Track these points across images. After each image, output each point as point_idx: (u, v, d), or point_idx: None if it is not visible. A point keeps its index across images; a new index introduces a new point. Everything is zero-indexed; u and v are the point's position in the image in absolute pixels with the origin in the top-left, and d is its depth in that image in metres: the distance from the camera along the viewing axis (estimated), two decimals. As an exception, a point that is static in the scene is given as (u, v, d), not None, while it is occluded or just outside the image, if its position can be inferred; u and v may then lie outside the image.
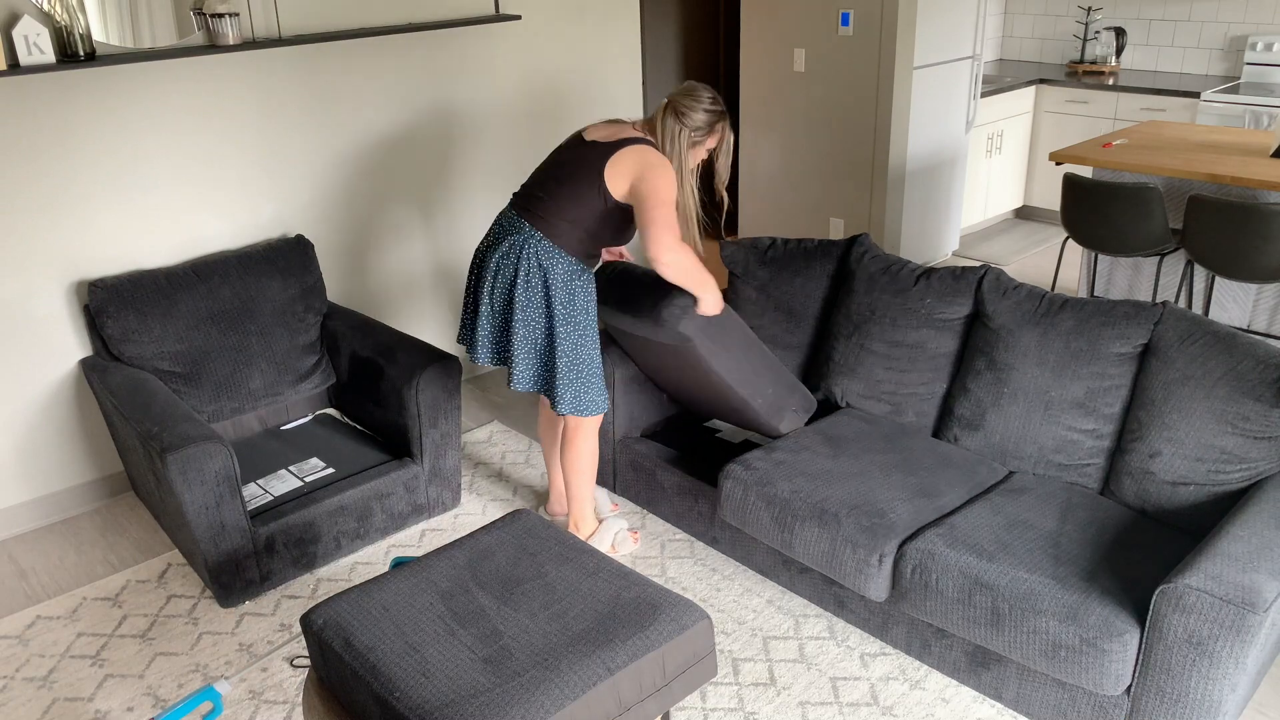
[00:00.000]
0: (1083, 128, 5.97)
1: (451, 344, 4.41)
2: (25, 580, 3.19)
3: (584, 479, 3.05)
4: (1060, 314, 2.78)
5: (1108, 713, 2.31)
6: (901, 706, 2.55)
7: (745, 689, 2.62)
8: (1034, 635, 2.27)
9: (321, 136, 3.74)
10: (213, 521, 2.81)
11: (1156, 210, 3.98)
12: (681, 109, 2.73)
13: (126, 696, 2.67)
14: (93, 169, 3.26)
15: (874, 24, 4.91)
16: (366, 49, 3.76)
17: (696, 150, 2.78)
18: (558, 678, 1.89)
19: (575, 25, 4.36)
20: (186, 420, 2.85)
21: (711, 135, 2.78)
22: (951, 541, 2.47)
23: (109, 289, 3.19)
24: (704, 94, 2.75)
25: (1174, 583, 2.11)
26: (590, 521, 3.13)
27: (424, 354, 3.22)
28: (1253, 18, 5.63)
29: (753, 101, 5.60)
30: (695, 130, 2.74)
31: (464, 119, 4.12)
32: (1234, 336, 2.56)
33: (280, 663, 2.77)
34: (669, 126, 2.73)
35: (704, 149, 2.80)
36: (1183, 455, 2.54)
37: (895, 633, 2.70)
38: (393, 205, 4.02)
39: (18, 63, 2.92)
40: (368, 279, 4.04)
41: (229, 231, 3.61)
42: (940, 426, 2.99)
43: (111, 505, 3.58)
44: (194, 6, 3.27)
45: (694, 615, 2.08)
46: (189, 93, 3.39)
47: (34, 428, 3.39)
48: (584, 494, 3.08)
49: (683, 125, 2.73)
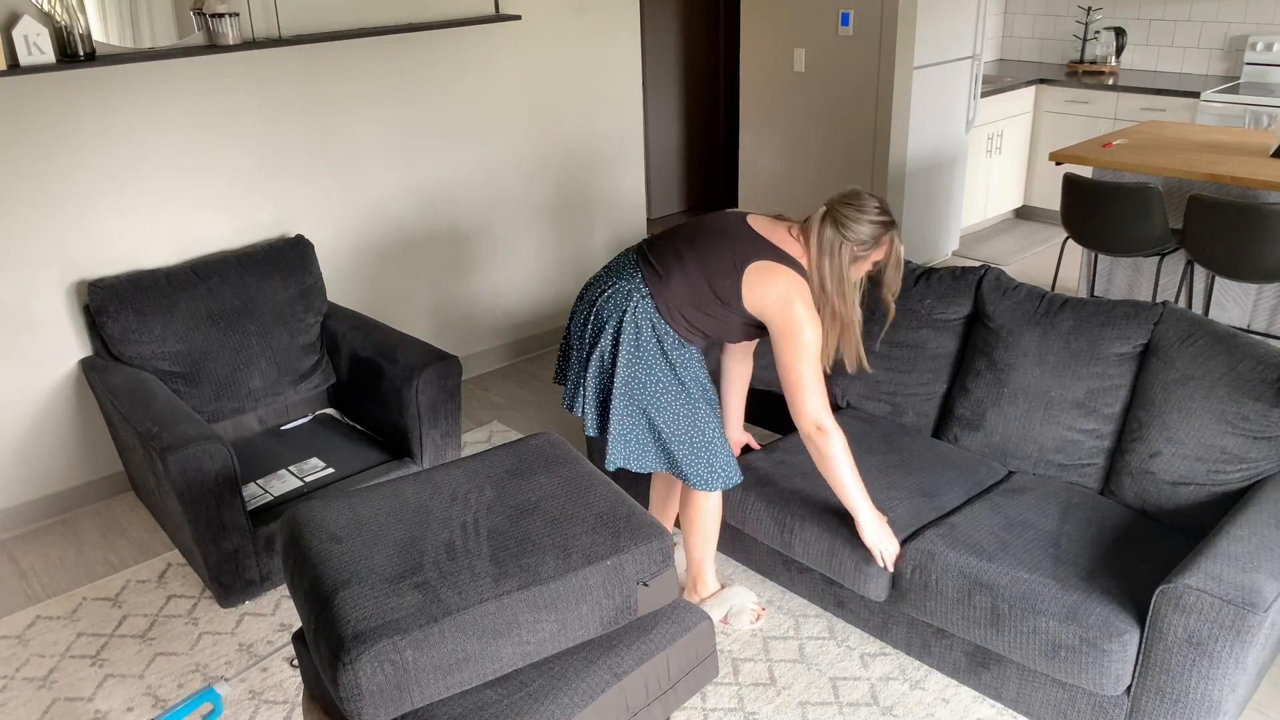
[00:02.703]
0: (1083, 128, 5.97)
1: (451, 344, 4.41)
2: (25, 580, 3.19)
3: (704, 541, 2.78)
4: (1060, 314, 2.78)
5: (1108, 713, 2.31)
6: (901, 706, 2.55)
7: (745, 689, 2.62)
8: (1034, 635, 2.27)
9: (321, 136, 3.74)
10: (213, 521, 2.80)
11: (1156, 210, 3.98)
12: (843, 220, 2.42)
13: (126, 696, 2.67)
14: (93, 169, 3.26)
15: (874, 24, 4.91)
16: (366, 49, 3.76)
17: (860, 265, 2.47)
18: (565, 686, 1.89)
19: (575, 25, 4.36)
20: (186, 420, 2.85)
21: (878, 249, 2.46)
22: (951, 541, 2.47)
23: (109, 289, 3.19)
24: (869, 203, 2.44)
25: (1174, 583, 2.11)
26: (710, 583, 2.88)
27: (424, 354, 3.22)
28: (1253, 18, 5.63)
29: (753, 101, 5.60)
30: (859, 245, 2.43)
31: (464, 118, 4.12)
32: (1234, 336, 2.57)
33: (280, 663, 2.77)
34: (827, 239, 2.42)
35: (869, 263, 2.49)
36: (1183, 455, 2.54)
37: (895, 633, 2.70)
38: (393, 204, 4.02)
39: (18, 63, 2.92)
40: (367, 279, 4.04)
41: (229, 231, 3.61)
42: (940, 426, 2.99)
43: (111, 505, 3.58)
44: (194, 6, 3.27)
45: (695, 616, 2.08)
46: (189, 93, 3.39)
47: (34, 428, 3.39)
48: (704, 555, 2.81)
49: (844, 239, 2.42)
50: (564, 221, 4.62)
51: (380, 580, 1.85)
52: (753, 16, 5.42)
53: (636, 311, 2.47)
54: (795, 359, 2.42)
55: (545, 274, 4.64)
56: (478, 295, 4.43)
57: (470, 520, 2.03)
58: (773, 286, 2.41)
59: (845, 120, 5.19)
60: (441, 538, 1.98)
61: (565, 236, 4.65)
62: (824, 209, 2.45)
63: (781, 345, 2.43)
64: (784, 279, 2.41)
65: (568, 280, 4.74)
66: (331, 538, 1.98)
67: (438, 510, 2.07)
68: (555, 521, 2.02)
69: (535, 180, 4.45)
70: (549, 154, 4.46)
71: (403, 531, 2.00)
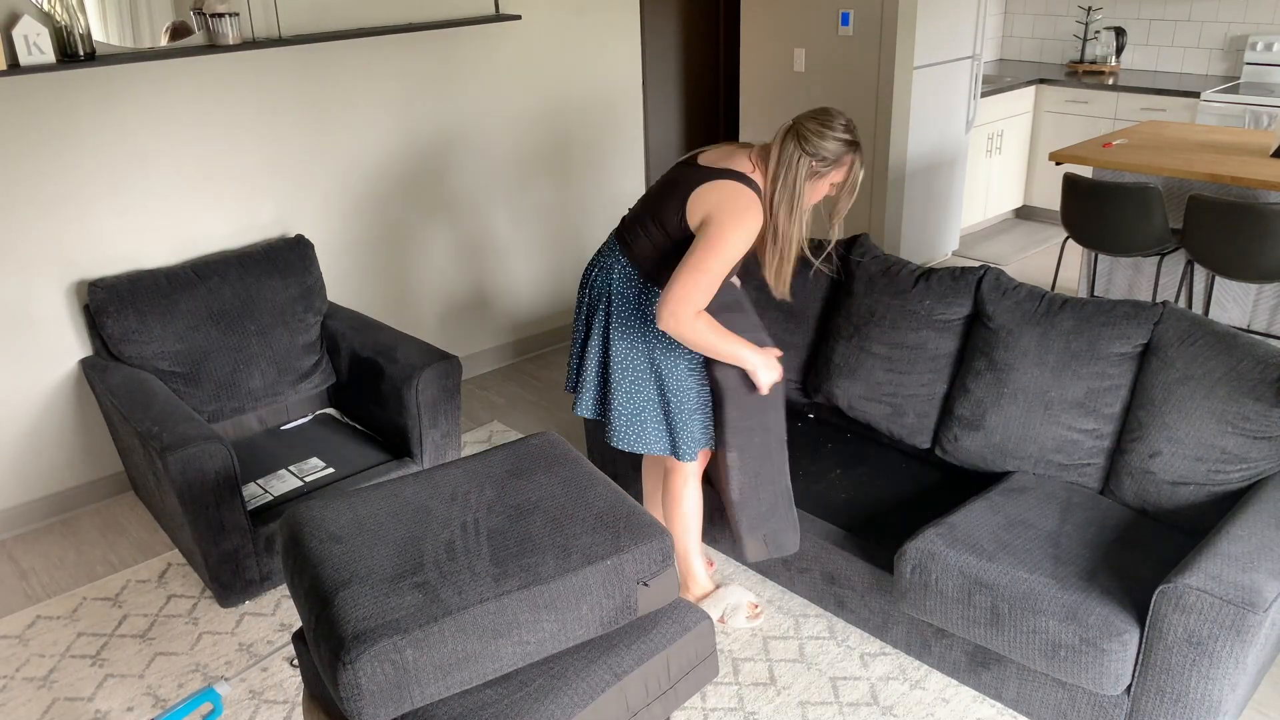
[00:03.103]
0: (1083, 128, 5.97)
1: (451, 344, 4.41)
2: (25, 580, 3.19)
3: (684, 531, 2.75)
4: (1060, 314, 2.78)
5: (1108, 713, 2.31)
6: (901, 706, 2.55)
7: (745, 689, 2.62)
8: (1034, 635, 2.27)
9: (321, 136, 3.74)
10: (213, 521, 2.80)
11: (1156, 210, 3.98)
12: (806, 133, 2.34)
13: (126, 696, 2.67)
14: (93, 169, 3.26)
15: (874, 24, 4.91)
16: (366, 49, 3.76)
17: (817, 183, 2.39)
18: (565, 685, 1.89)
19: (575, 25, 4.36)
20: (186, 420, 2.85)
21: (838, 168, 2.38)
22: (951, 541, 2.47)
23: (109, 289, 3.19)
24: (837, 119, 2.35)
25: (1174, 583, 2.11)
26: (702, 582, 2.84)
27: (424, 354, 3.22)
28: (1253, 18, 5.63)
29: (753, 101, 5.60)
30: (819, 160, 2.34)
31: (463, 118, 4.12)
32: (1234, 336, 2.57)
33: (280, 663, 2.77)
34: (788, 152, 2.34)
35: (827, 182, 2.40)
36: (1183, 455, 2.54)
37: (895, 633, 2.70)
38: (393, 204, 4.02)
39: (18, 63, 2.92)
40: (367, 279, 4.04)
41: (229, 231, 3.61)
42: (940, 427, 2.99)
43: (111, 505, 3.58)
44: (194, 6, 3.27)
45: (695, 616, 2.08)
46: (189, 93, 3.39)
47: (34, 428, 3.39)
48: (687, 547, 2.79)
49: (804, 152, 2.34)
50: (564, 221, 4.62)
51: (380, 580, 1.85)
52: (753, 16, 5.42)
53: (623, 281, 2.51)
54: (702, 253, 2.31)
55: (545, 274, 4.64)
56: (478, 295, 4.43)
57: (470, 520, 2.03)
58: (714, 194, 2.35)
59: (845, 120, 5.19)
60: (441, 537, 1.98)
61: (565, 236, 4.65)
62: (790, 122, 2.37)
63: (693, 250, 2.33)
64: (728, 189, 2.35)
65: (567, 280, 4.74)
66: (331, 538, 1.98)
67: (438, 510, 2.07)
68: (555, 521, 2.02)
69: (535, 180, 4.45)
70: (549, 154, 4.46)
71: (403, 531, 2.00)
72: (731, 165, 2.39)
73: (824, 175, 2.37)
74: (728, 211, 2.33)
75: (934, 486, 2.93)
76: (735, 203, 2.34)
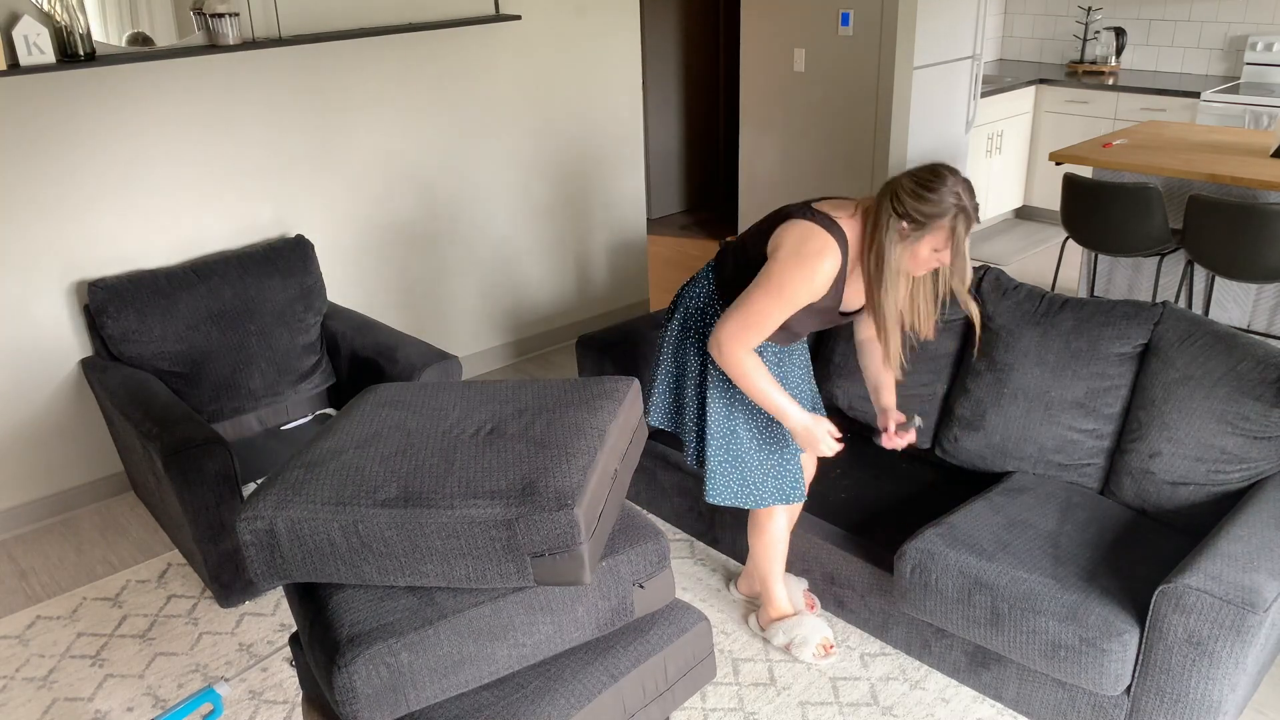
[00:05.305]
0: (1083, 128, 5.96)
1: (451, 344, 4.41)
2: (25, 580, 3.19)
3: (767, 559, 2.67)
4: (1060, 314, 2.78)
5: (1108, 713, 2.31)
6: (901, 706, 2.55)
7: (745, 689, 2.62)
8: (1034, 635, 2.27)
9: (321, 136, 3.74)
10: (213, 521, 2.81)
11: (1156, 210, 3.97)
12: (900, 191, 2.12)
13: (126, 696, 2.67)
14: (93, 169, 3.26)
15: (874, 24, 4.91)
16: (366, 49, 3.76)
17: (912, 248, 2.15)
18: (562, 687, 1.88)
19: (575, 25, 4.36)
20: (186, 420, 2.85)
21: (932, 231, 2.12)
22: (951, 541, 2.46)
23: (109, 289, 3.19)
24: (941, 179, 2.10)
25: (1174, 583, 2.11)
26: (780, 604, 2.74)
27: (424, 354, 3.22)
28: (1253, 18, 5.63)
29: (753, 101, 5.60)
30: (911, 224, 2.11)
31: (463, 118, 4.12)
32: (1234, 336, 2.56)
33: (280, 663, 2.77)
34: (881, 206, 2.16)
35: (926, 248, 2.15)
36: (1183, 455, 2.54)
37: (895, 633, 2.70)
38: (393, 205, 4.02)
39: (18, 63, 2.92)
40: (367, 279, 4.05)
41: (229, 231, 3.61)
42: (940, 427, 2.99)
43: (111, 505, 3.58)
44: (194, 6, 3.27)
45: (692, 617, 2.07)
46: (189, 93, 3.39)
47: (34, 428, 3.39)
48: (769, 572, 2.70)
49: (894, 212, 2.12)
50: (564, 221, 4.62)
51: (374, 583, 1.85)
52: (753, 16, 5.42)
53: (705, 298, 2.44)
54: (757, 290, 2.23)
55: (545, 273, 4.64)
56: (478, 295, 4.43)
57: None
58: (791, 232, 2.23)
59: (845, 120, 5.19)
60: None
61: (565, 236, 4.65)
62: (891, 179, 2.19)
63: (760, 273, 2.24)
64: (804, 229, 2.21)
65: (567, 280, 4.74)
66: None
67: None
68: None
69: (535, 180, 4.45)
70: (549, 154, 4.46)
71: None
72: (831, 210, 2.24)
73: (918, 239, 2.14)
74: (791, 251, 2.20)
75: (934, 486, 2.92)
76: (803, 244, 2.19)
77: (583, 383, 2.09)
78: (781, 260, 2.21)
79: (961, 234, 2.13)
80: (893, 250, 2.14)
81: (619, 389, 2.05)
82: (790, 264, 2.19)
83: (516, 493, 1.74)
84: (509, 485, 1.76)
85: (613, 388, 2.06)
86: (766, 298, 2.22)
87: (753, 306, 2.23)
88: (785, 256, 2.20)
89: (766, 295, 2.22)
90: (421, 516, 1.74)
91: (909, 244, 2.14)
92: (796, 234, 2.21)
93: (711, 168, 7.19)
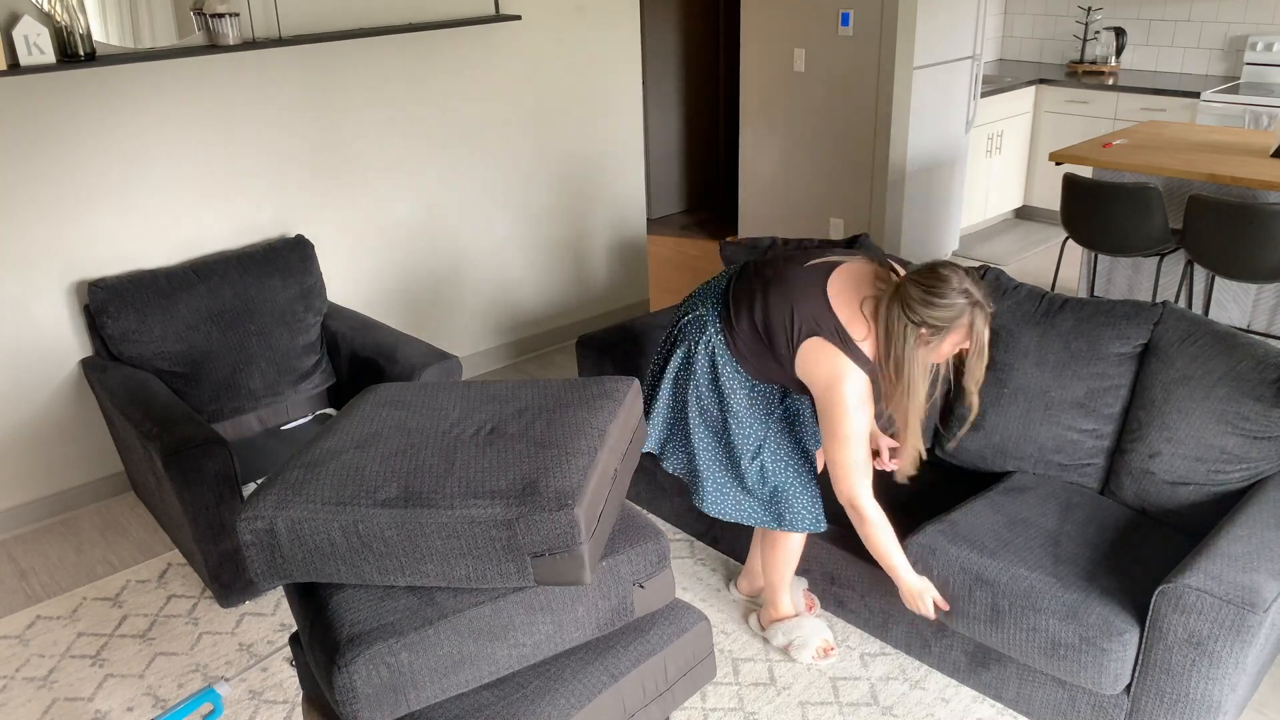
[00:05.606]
0: (1083, 128, 5.96)
1: (451, 344, 4.41)
2: (25, 580, 3.19)
3: (780, 567, 2.69)
4: (1060, 314, 2.78)
5: (1108, 712, 2.31)
6: (901, 706, 2.55)
7: (745, 689, 2.62)
8: (1033, 633, 2.27)
9: (321, 136, 3.74)
10: (213, 521, 2.81)
11: (1156, 210, 3.97)
12: (910, 301, 2.12)
13: (126, 696, 2.67)
14: (93, 169, 3.26)
15: (874, 24, 4.91)
16: (366, 49, 3.76)
17: (935, 349, 2.17)
18: (562, 687, 1.88)
19: (575, 25, 4.36)
20: (186, 420, 2.85)
21: (954, 331, 2.14)
22: (952, 537, 2.46)
23: (109, 289, 3.19)
24: (948, 281, 2.11)
25: (1174, 583, 2.11)
26: (783, 606, 2.76)
27: (424, 354, 3.22)
28: (1253, 18, 5.63)
29: (753, 101, 5.60)
30: (929, 329, 2.13)
31: (463, 118, 4.12)
32: (1234, 336, 2.56)
33: (280, 663, 2.77)
34: (892, 320, 2.15)
35: (948, 344, 2.17)
36: (1182, 455, 2.54)
37: (895, 633, 2.70)
38: (393, 205, 4.02)
39: (18, 63, 2.92)
40: (367, 279, 4.05)
41: (229, 231, 3.61)
42: (940, 427, 2.99)
43: (111, 505, 3.58)
44: (194, 6, 3.27)
45: (692, 617, 2.07)
46: (189, 93, 3.39)
47: (34, 428, 3.39)
48: (779, 580, 2.72)
49: (909, 321, 2.12)
50: (564, 221, 4.62)
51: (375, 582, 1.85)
52: (753, 16, 5.42)
53: (710, 346, 2.42)
54: (834, 444, 2.31)
55: (545, 274, 4.64)
56: (478, 295, 4.43)
57: None
58: (820, 367, 2.26)
59: (845, 120, 5.19)
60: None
61: (565, 236, 4.65)
62: (897, 283, 2.17)
63: (824, 426, 2.32)
64: (833, 364, 2.25)
65: (567, 280, 4.74)
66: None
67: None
68: None
69: (535, 180, 4.45)
70: (549, 154, 4.46)
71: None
72: (848, 324, 2.24)
73: (937, 342, 2.16)
74: (837, 402, 2.26)
75: (934, 486, 2.92)
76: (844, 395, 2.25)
77: (583, 383, 2.09)
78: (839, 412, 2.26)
79: (981, 327, 2.16)
80: (914, 356, 2.17)
81: (619, 389, 2.05)
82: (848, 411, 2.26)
83: (517, 493, 1.74)
84: (509, 485, 1.76)
85: (613, 388, 2.06)
86: (850, 448, 2.29)
87: (849, 459, 2.30)
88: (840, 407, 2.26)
89: (848, 446, 2.29)
90: (422, 516, 1.74)
91: (931, 347, 2.18)
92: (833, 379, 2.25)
93: (711, 168, 7.18)
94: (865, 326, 2.24)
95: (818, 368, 2.27)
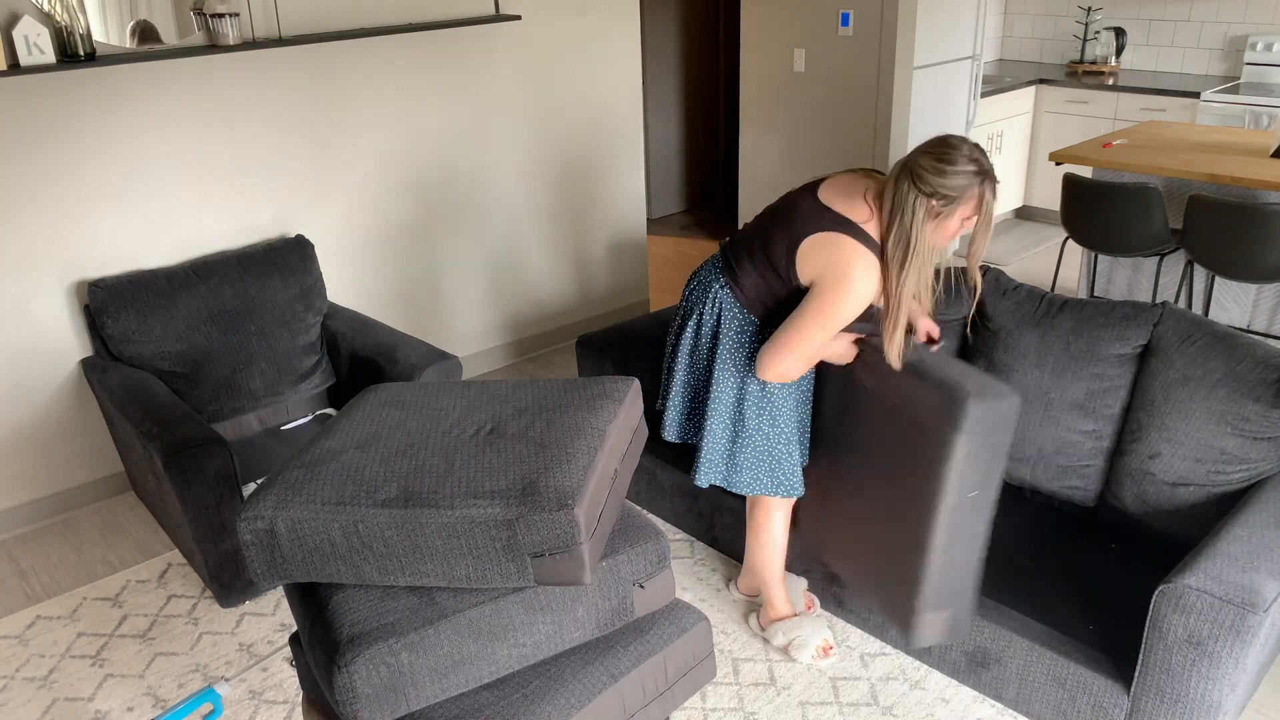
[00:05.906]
0: (1083, 128, 5.96)
1: (451, 344, 4.41)
2: (25, 580, 3.19)
3: (767, 557, 2.67)
4: (1060, 315, 2.78)
5: (1107, 713, 2.31)
6: (901, 706, 2.55)
7: (745, 689, 2.62)
8: (1033, 636, 2.27)
9: (321, 136, 3.74)
10: (213, 521, 2.81)
11: (1156, 210, 3.97)
12: (921, 171, 2.08)
13: (126, 696, 2.67)
14: (93, 169, 3.26)
15: (874, 24, 4.91)
16: (366, 49, 3.76)
17: (944, 224, 2.12)
18: (562, 687, 1.88)
19: (575, 25, 4.36)
20: (186, 420, 2.85)
21: (964, 203, 2.10)
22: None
23: (109, 289, 3.19)
24: (958, 150, 2.08)
25: (1174, 583, 2.11)
26: (780, 606, 2.74)
27: (424, 354, 3.22)
28: (1253, 18, 5.63)
29: (753, 101, 5.60)
30: (941, 200, 2.09)
31: (463, 118, 4.12)
32: (1234, 337, 2.56)
33: (280, 663, 2.77)
34: (902, 194, 2.10)
35: (956, 220, 2.13)
36: (1182, 456, 2.54)
37: (895, 633, 2.70)
38: (392, 204, 4.02)
39: (18, 63, 2.92)
40: (368, 279, 4.05)
41: (229, 231, 3.61)
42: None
43: (111, 505, 3.58)
44: (194, 6, 3.27)
45: (692, 617, 2.07)
46: (189, 93, 3.39)
47: (34, 428, 3.39)
48: (769, 573, 2.70)
49: (920, 193, 2.08)
50: (564, 221, 4.62)
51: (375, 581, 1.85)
52: (753, 16, 5.42)
53: (717, 302, 2.39)
54: (806, 317, 2.20)
55: (545, 274, 4.64)
56: (478, 295, 4.43)
57: None
58: (824, 254, 2.18)
59: (845, 120, 5.19)
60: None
61: (565, 236, 4.65)
62: (904, 160, 2.12)
63: (804, 303, 2.20)
64: (839, 249, 2.16)
65: (567, 280, 4.74)
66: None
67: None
68: None
69: (535, 180, 4.45)
70: (549, 154, 4.46)
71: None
72: (848, 212, 2.19)
73: (948, 215, 2.11)
74: (838, 277, 2.16)
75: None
76: (847, 269, 2.16)
77: (583, 383, 2.09)
78: (830, 288, 2.17)
79: (990, 199, 2.11)
80: (924, 231, 2.11)
81: (619, 389, 2.05)
82: (841, 290, 2.17)
83: (517, 493, 1.74)
84: (509, 485, 1.76)
85: (613, 388, 2.06)
86: (815, 327, 2.20)
87: (802, 336, 2.21)
88: (834, 283, 2.17)
89: (816, 325, 2.20)
90: (422, 516, 1.74)
91: (940, 221, 2.12)
92: (835, 257, 2.17)
93: (711, 168, 7.18)
94: (867, 210, 2.18)
95: (819, 256, 2.18)
